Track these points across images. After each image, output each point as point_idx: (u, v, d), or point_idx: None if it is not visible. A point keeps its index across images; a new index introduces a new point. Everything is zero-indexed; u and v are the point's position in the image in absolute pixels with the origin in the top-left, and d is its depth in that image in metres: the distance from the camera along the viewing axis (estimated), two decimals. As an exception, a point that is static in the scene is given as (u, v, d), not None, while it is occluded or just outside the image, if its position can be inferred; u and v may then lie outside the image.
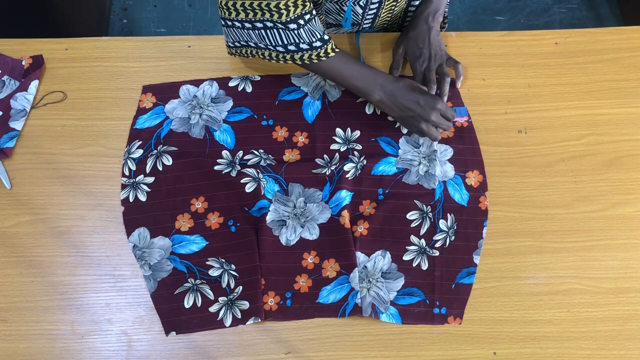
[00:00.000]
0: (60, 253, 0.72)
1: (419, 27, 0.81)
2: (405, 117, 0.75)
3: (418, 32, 0.81)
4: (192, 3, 1.77)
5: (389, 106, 0.75)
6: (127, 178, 0.76)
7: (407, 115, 0.75)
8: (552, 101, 0.83)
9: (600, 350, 0.69)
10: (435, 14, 0.81)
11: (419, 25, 0.81)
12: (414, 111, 0.74)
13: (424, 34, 0.80)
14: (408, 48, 0.82)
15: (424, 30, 0.80)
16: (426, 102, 0.73)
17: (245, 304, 0.69)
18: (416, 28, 0.81)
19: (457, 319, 0.70)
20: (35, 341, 0.67)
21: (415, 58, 0.81)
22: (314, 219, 0.74)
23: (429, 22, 0.81)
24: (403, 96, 0.74)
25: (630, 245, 0.74)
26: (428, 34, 0.80)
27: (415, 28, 0.81)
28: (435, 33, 0.81)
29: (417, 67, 0.80)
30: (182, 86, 0.82)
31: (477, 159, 0.78)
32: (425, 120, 0.74)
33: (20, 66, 0.82)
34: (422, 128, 0.75)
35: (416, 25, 0.81)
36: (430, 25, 0.80)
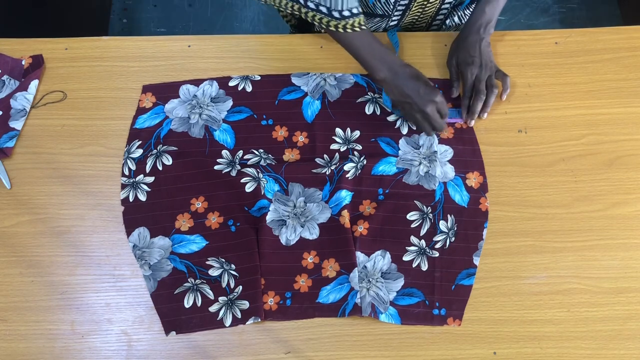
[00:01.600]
0: (60, 253, 0.72)
1: (471, 37, 0.80)
2: (403, 103, 0.76)
3: (470, 42, 0.80)
4: (192, 3, 1.77)
5: (390, 87, 0.75)
6: (127, 178, 0.76)
7: (405, 101, 0.75)
8: (552, 101, 0.83)
9: (600, 350, 0.69)
10: (487, 25, 0.80)
11: (470, 35, 0.80)
12: (412, 99, 0.74)
13: (475, 44, 0.80)
14: (459, 57, 0.81)
15: (475, 40, 0.80)
16: (426, 93, 0.73)
17: (245, 304, 0.69)
18: (467, 38, 0.81)
19: (456, 320, 0.70)
20: (35, 341, 0.67)
21: (466, 65, 0.80)
22: (314, 219, 0.74)
23: (480, 33, 0.80)
24: (405, 82, 0.74)
25: (630, 245, 0.74)
26: (479, 44, 0.80)
27: (467, 38, 0.81)
28: (485, 44, 0.80)
29: (468, 76, 0.80)
30: (182, 86, 0.82)
31: (478, 160, 0.78)
32: (420, 111, 0.74)
33: (20, 66, 0.82)
34: (416, 118, 0.75)
35: (467, 35, 0.81)
36: (481, 36, 0.80)
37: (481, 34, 0.80)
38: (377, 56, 0.75)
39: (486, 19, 0.80)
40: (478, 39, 0.80)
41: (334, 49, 0.86)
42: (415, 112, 0.75)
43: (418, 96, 0.74)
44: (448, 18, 0.92)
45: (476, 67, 0.79)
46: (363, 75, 0.84)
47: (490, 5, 0.80)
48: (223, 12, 1.76)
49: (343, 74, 0.84)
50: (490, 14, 0.81)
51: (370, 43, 0.75)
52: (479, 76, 0.79)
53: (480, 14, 0.81)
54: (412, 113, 0.76)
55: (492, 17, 0.81)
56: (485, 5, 0.80)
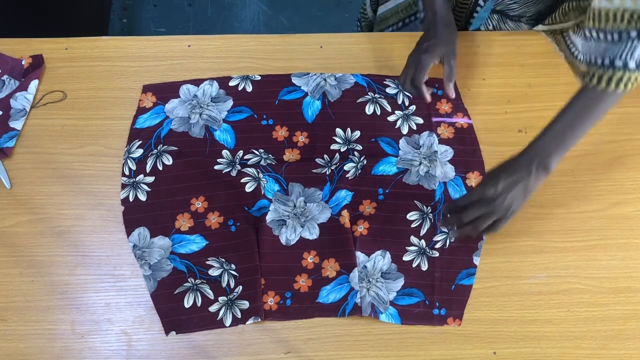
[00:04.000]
0: (60, 253, 0.72)
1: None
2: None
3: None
4: (192, 3, 1.77)
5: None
6: (127, 178, 0.76)
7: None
8: (552, 100, 0.83)
9: (600, 349, 0.69)
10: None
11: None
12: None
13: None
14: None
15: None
16: (421, 49, 0.76)
17: (245, 304, 0.69)
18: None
19: (456, 320, 0.70)
20: (35, 341, 0.67)
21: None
22: (314, 219, 0.74)
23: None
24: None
25: (630, 245, 0.74)
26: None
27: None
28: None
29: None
30: (182, 86, 0.82)
31: (478, 160, 0.78)
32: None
33: (20, 66, 0.82)
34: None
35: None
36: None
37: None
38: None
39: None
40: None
41: (334, 49, 0.86)
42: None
43: (418, 43, 0.77)
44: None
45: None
46: (363, 75, 0.84)
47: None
48: (223, 12, 1.76)
49: (343, 74, 0.84)
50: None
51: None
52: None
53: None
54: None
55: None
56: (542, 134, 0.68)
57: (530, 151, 0.68)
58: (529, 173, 0.67)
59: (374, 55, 0.86)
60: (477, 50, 0.86)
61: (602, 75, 0.64)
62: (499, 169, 0.68)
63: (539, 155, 0.67)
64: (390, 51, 0.86)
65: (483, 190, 0.68)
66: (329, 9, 1.79)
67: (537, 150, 0.67)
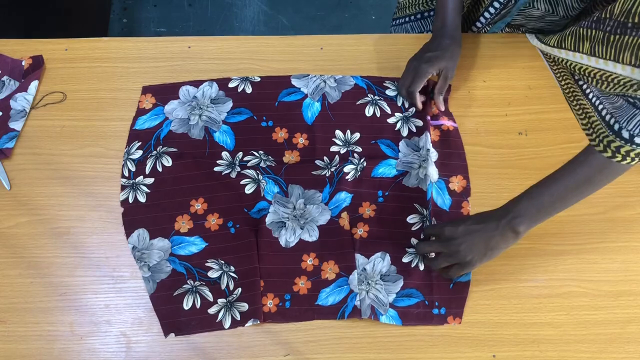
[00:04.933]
0: (60, 254, 0.72)
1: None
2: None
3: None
4: (192, 3, 1.77)
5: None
6: (127, 179, 0.76)
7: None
8: (552, 103, 0.83)
9: (600, 353, 0.69)
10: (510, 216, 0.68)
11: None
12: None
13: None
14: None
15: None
16: (422, 58, 0.77)
17: (244, 306, 0.69)
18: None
19: (456, 318, 0.70)
20: (34, 342, 0.67)
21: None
22: (313, 221, 0.74)
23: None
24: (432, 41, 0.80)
25: (630, 248, 0.74)
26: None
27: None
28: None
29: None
30: (181, 87, 0.82)
31: (462, 163, 0.78)
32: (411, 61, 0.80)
33: (20, 66, 0.82)
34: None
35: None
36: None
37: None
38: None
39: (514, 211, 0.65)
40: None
41: (335, 51, 0.86)
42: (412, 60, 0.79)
43: (421, 50, 0.78)
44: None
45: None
46: (363, 77, 0.84)
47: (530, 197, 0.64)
48: (223, 12, 1.76)
49: (343, 76, 0.84)
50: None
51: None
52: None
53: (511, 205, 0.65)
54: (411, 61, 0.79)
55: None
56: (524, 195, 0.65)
57: (507, 208, 0.65)
58: (495, 229, 0.64)
59: (374, 57, 0.86)
60: (477, 53, 0.86)
61: (610, 142, 0.61)
62: (472, 216, 0.67)
63: (512, 216, 0.64)
64: (391, 53, 0.86)
65: (442, 228, 0.67)
66: (329, 9, 1.79)
67: (514, 211, 0.64)
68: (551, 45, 0.74)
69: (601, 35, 0.61)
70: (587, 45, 0.64)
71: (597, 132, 0.64)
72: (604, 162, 0.62)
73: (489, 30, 0.88)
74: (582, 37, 0.66)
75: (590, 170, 0.63)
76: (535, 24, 0.82)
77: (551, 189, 0.64)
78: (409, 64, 0.79)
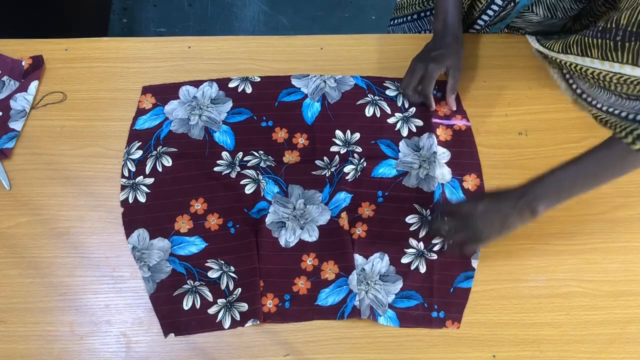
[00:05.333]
0: (60, 254, 0.72)
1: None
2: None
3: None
4: (192, 2, 1.77)
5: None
6: (127, 179, 0.76)
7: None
8: (552, 103, 0.83)
9: (600, 353, 0.69)
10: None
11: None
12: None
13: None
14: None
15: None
16: (428, 56, 0.77)
17: (244, 306, 0.69)
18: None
19: (455, 323, 0.70)
20: (34, 342, 0.67)
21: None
22: (313, 221, 0.74)
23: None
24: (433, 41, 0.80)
25: (630, 248, 0.74)
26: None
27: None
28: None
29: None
30: (181, 87, 0.82)
31: (475, 162, 0.78)
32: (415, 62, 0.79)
33: (20, 66, 0.82)
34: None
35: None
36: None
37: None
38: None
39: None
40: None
41: (335, 51, 0.86)
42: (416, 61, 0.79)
43: (425, 50, 0.78)
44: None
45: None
46: (363, 77, 0.84)
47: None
48: (223, 12, 1.76)
49: (343, 76, 0.84)
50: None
51: None
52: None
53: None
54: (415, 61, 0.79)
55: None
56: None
57: (527, 188, 0.65)
58: (513, 208, 0.65)
59: (374, 57, 0.86)
60: (477, 53, 0.86)
61: (633, 131, 0.61)
62: (489, 193, 0.68)
63: (533, 197, 0.65)
64: (391, 53, 0.86)
65: (462, 204, 0.69)
66: (329, 9, 1.79)
67: (533, 191, 0.65)
68: (556, 50, 0.74)
69: (612, 44, 0.62)
70: (597, 52, 0.65)
71: (621, 127, 0.64)
72: (629, 152, 0.62)
73: (488, 31, 0.88)
74: (589, 45, 0.67)
75: (614, 159, 0.63)
76: (534, 28, 0.82)
77: (573, 173, 0.64)
78: (414, 65, 0.79)
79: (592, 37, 0.66)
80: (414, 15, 0.93)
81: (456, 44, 0.78)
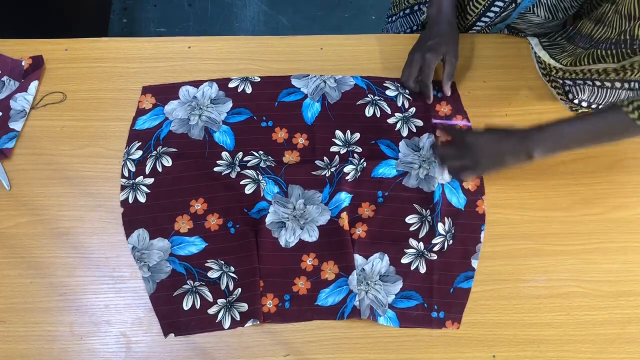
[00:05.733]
0: (60, 254, 0.72)
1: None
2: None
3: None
4: (192, 3, 1.76)
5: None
6: (127, 179, 0.76)
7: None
8: (553, 103, 0.83)
9: (599, 353, 0.69)
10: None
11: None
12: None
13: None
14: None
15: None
16: (426, 44, 0.78)
17: (244, 306, 0.69)
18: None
19: (455, 323, 0.70)
20: (34, 342, 0.67)
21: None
22: (313, 221, 0.74)
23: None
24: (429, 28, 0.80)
25: (630, 248, 0.74)
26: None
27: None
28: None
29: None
30: (181, 87, 0.82)
31: None
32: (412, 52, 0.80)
33: (20, 67, 0.82)
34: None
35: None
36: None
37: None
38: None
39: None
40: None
41: (334, 51, 0.86)
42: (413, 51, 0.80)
43: (421, 40, 0.79)
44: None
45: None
46: (363, 77, 0.84)
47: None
48: (223, 12, 1.76)
49: (343, 76, 0.84)
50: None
51: None
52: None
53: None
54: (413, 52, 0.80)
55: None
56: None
57: (528, 133, 0.69)
58: (511, 147, 0.69)
59: (374, 57, 0.86)
60: (477, 53, 0.86)
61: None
62: (493, 128, 0.72)
63: (532, 141, 0.68)
64: (391, 53, 0.86)
65: (464, 133, 0.75)
66: (329, 9, 1.79)
67: (533, 136, 0.68)
68: (564, 64, 0.76)
69: (629, 51, 0.65)
70: (612, 59, 0.68)
71: (623, 100, 0.65)
72: (629, 121, 0.64)
73: (488, 32, 0.88)
74: (602, 56, 0.69)
75: (614, 125, 0.66)
76: (535, 29, 0.82)
77: (574, 128, 0.67)
78: (411, 56, 0.80)
79: (604, 50, 0.68)
80: (407, 10, 0.93)
81: (451, 30, 0.79)
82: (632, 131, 0.65)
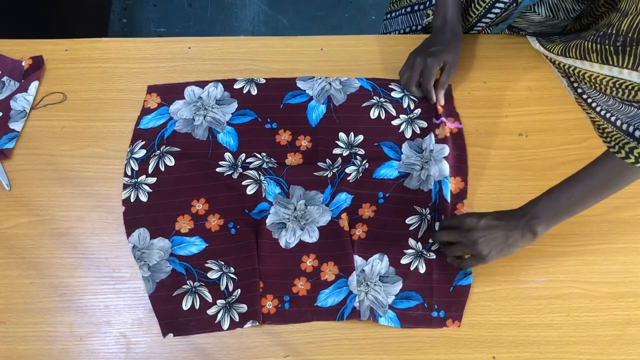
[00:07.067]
0: (60, 254, 0.72)
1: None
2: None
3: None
4: (192, 3, 1.76)
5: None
6: (129, 178, 0.76)
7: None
8: (553, 104, 0.83)
9: (600, 355, 0.69)
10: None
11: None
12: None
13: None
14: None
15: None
16: (429, 50, 0.78)
17: (244, 307, 0.69)
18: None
19: (455, 322, 0.70)
20: (33, 343, 0.67)
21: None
22: (314, 222, 0.74)
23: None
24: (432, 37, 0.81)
25: (630, 250, 0.74)
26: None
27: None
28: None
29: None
30: (187, 87, 0.82)
31: (463, 166, 0.78)
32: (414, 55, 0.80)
33: (20, 67, 0.81)
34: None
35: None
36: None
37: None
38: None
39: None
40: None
41: (335, 51, 0.86)
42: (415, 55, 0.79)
43: (424, 45, 0.79)
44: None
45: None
46: (368, 79, 0.84)
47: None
48: (223, 12, 1.76)
49: (348, 78, 0.83)
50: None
51: None
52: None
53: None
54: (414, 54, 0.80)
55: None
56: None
57: (526, 209, 0.67)
58: (514, 227, 0.66)
59: (374, 58, 0.86)
60: (478, 53, 0.86)
61: (633, 149, 0.61)
62: (491, 212, 0.69)
63: (532, 217, 0.65)
64: (391, 53, 0.86)
65: (464, 218, 0.69)
66: (329, 9, 1.79)
67: (532, 212, 0.66)
68: (556, 53, 0.75)
69: (612, 49, 0.62)
70: (596, 56, 0.66)
71: (615, 139, 0.65)
72: (625, 167, 0.62)
73: (489, 32, 0.88)
74: (588, 49, 0.67)
75: (610, 175, 0.63)
76: (536, 28, 0.82)
77: (569, 191, 0.65)
78: (412, 59, 0.80)
79: (591, 42, 0.66)
80: (408, 8, 0.93)
81: (455, 41, 0.79)
82: (633, 174, 0.62)
